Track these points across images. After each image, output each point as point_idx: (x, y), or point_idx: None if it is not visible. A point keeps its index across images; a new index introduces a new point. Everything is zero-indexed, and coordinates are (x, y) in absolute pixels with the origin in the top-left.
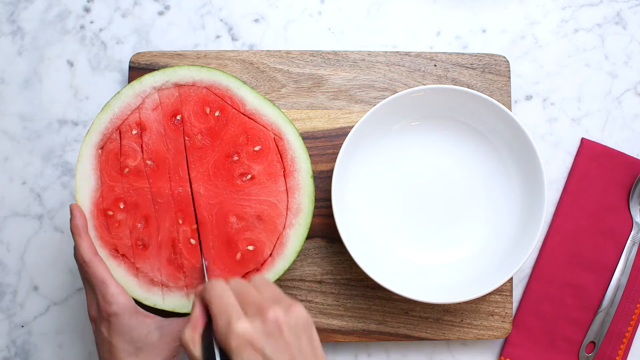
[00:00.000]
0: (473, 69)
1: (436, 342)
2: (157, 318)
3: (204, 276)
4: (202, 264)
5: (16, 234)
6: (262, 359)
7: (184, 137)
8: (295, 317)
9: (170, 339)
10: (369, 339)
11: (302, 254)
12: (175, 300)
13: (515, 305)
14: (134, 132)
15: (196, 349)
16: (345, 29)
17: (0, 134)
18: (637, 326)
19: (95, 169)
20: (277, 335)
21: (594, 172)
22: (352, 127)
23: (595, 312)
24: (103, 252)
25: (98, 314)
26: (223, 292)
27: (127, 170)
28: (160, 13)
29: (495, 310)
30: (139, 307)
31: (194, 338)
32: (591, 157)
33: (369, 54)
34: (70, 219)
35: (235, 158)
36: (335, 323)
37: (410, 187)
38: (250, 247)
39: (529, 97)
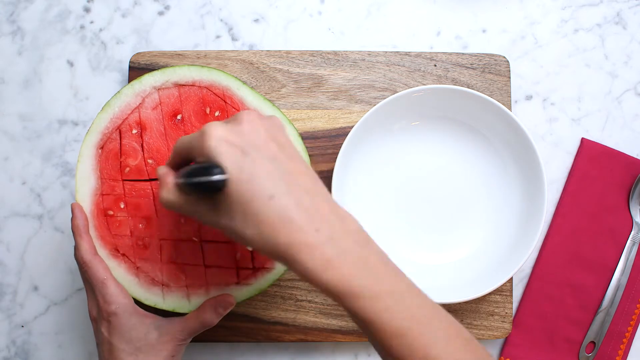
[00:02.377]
0: (473, 69)
1: None
2: (156, 317)
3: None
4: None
5: (16, 234)
6: (241, 152)
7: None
8: (267, 119)
9: (168, 338)
10: None
11: None
12: (175, 300)
13: (515, 305)
14: (134, 131)
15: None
16: (345, 29)
17: (0, 134)
18: (637, 326)
19: (95, 169)
20: (252, 132)
21: (594, 172)
22: (352, 127)
23: (595, 312)
24: (103, 252)
25: (98, 315)
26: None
27: (127, 170)
28: (160, 13)
29: (495, 310)
30: (138, 307)
31: (167, 177)
32: (591, 157)
33: (369, 54)
34: (71, 219)
35: None
36: (335, 323)
37: (410, 187)
38: (250, 247)
39: (529, 97)
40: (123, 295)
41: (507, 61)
